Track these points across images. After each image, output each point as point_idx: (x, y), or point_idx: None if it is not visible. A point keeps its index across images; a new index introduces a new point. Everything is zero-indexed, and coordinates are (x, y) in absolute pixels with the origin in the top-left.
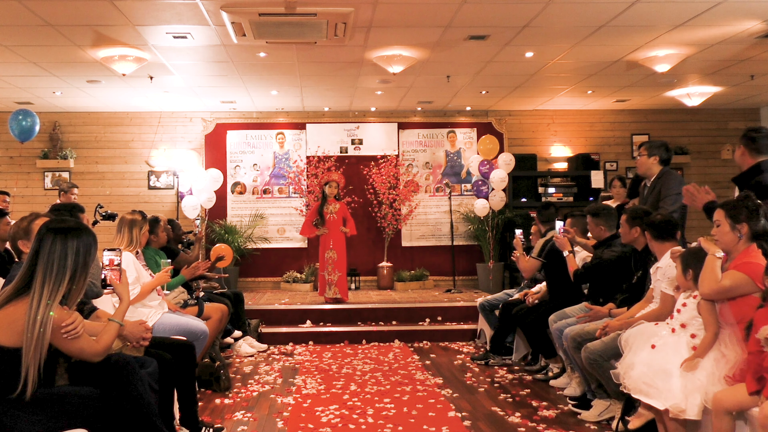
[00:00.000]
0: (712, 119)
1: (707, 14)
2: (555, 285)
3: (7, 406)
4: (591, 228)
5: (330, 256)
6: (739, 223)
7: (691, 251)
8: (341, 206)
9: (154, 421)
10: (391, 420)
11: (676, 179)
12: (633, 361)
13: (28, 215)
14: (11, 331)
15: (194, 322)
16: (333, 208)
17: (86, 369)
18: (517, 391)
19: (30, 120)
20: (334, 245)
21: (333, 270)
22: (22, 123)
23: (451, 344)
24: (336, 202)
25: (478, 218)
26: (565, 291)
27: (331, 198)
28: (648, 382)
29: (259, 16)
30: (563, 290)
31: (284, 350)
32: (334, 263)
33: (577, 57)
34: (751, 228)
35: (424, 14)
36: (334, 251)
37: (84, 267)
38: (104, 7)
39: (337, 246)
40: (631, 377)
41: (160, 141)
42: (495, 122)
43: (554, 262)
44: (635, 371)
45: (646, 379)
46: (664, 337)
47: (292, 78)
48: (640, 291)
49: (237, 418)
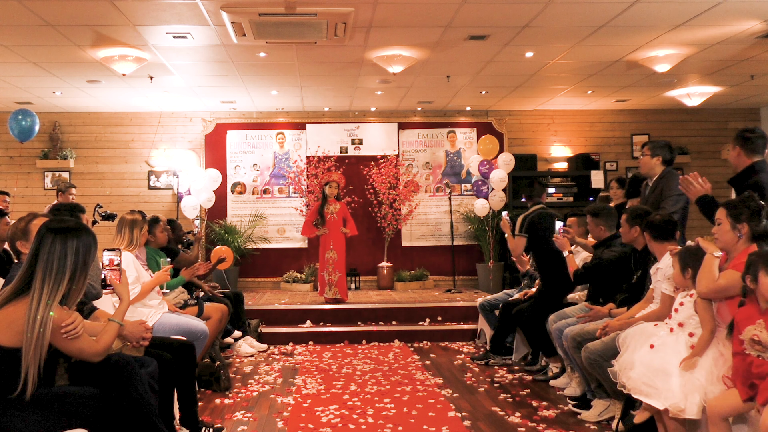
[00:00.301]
0: (712, 119)
1: (707, 14)
2: (540, 258)
3: (7, 406)
4: (591, 228)
5: (330, 256)
6: (739, 223)
7: (688, 250)
8: (341, 206)
9: (154, 421)
10: (391, 420)
11: (678, 180)
12: (632, 359)
13: (26, 215)
14: (11, 331)
15: (194, 322)
16: (333, 208)
17: (86, 369)
18: (517, 391)
19: (30, 120)
20: (335, 245)
21: (333, 270)
22: (22, 123)
23: (451, 344)
24: (336, 203)
25: (478, 218)
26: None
27: (332, 198)
28: (647, 382)
29: (259, 16)
30: (550, 263)
31: (284, 350)
32: (334, 263)
33: (577, 57)
34: (751, 228)
35: (424, 14)
36: (335, 251)
37: (84, 267)
38: (104, 7)
39: (337, 246)
40: (630, 377)
41: (160, 141)
42: (495, 122)
43: (535, 235)
44: (634, 371)
45: (645, 379)
46: (663, 337)
47: (292, 78)
48: (640, 291)
49: (237, 418)
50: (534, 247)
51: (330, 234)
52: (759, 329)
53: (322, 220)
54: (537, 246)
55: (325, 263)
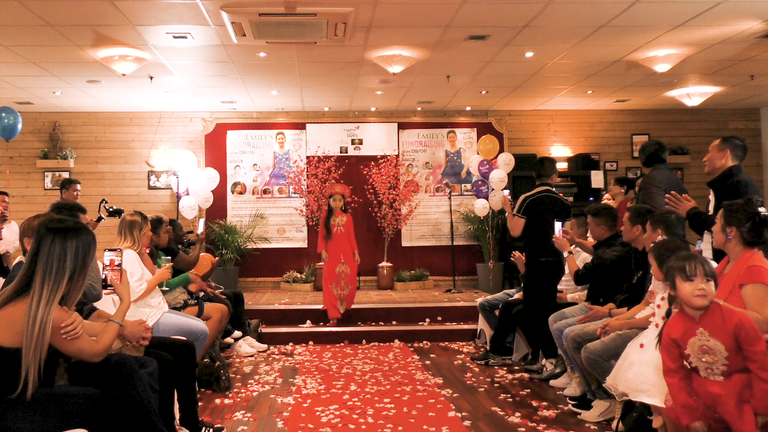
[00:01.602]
0: (712, 119)
1: (707, 14)
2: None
3: (8, 406)
4: (592, 228)
5: (342, 270)
6: (729, 226)
7: (663, 244)
8: (348, 219)
9: (154, 422)
10: (391, 420)
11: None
12: (626, 363)
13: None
14: (11, 331)
15: (194, 322)
16: (340, 220)
17: (86, 369)
18: (517, 391)
19: (12, 118)
20: (346, 259)
21: (345, 284)
22: (5, 121)
23: (451, 344)
24: (343, 215)
25: (478, 218)
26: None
27: (338, 210)
28: (644, 381)
29: (259, 16)
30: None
31: (284, 350)
32: (347, 277)
33: (577, 57)
34: (741, 233)
35: (424, 14)
36: (346, 265)
37: (83, 267)
38: (104, 7)
39: (348, 259)
40: (628, 378)
41: (160, 141)
42: (495, 122)
43: (534, 218)
44: (630, 372)
45: (641, 378)
46: (648, 335)
47: (292, 78)
48: (640, 291)
49: (237, 418)
50: (529, 230)
51: (339, 247)
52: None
53: (328, 234)
54: (532, 230)
55: (335, 278)
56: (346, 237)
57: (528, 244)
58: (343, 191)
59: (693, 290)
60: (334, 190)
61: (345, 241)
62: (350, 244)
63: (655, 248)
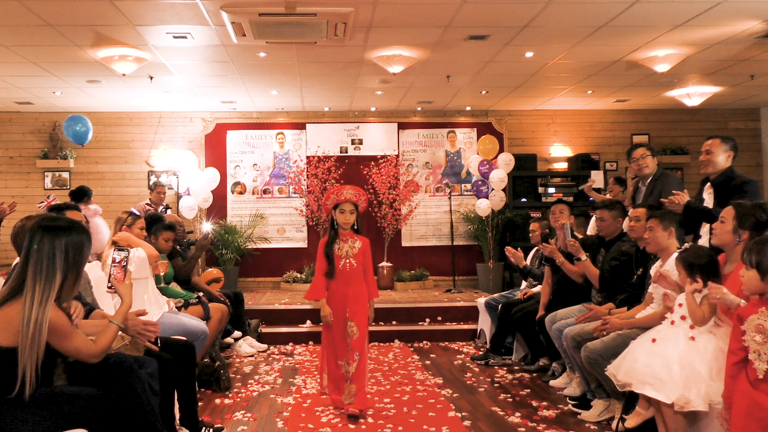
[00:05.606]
0: (712, 119)
1: (707, 14)
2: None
3: (6, 406)
4: (608, 223)
5: (350, 332)
6: (743, 229)
7: (691, 252)
8: (364, 244)
9: (153, 422)
10: (391, 420)
11: (675, 180)
12: (633, 356)
13: (30, 215)
14: (8, 331)
15: (194, 322)
16: (350, 247)
17: (85, 369)
18: (517, 391)
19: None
20: (351, 312)
21: (352, 353)
22: (77, 128)
23: (451, 344)
24: (355, 238)
25: (478, 218)
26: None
27: (347, 231)
28: (652, 374)
29: (259, 16)
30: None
31: (284, 350)
32: (353, 342)
33: (577, 57)
34: (751, 237)
35: (424, 14)
36: (354, 324)
37: (74, 265)
38: (104, 7)
39: (358, 312)
40: (634, 369)
41: (160, 141)
42: (495, 122)
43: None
44: (638, 364)
45: (649, 372)
46: (663, 331)
47: (292, 78)
48: (640, 291)
49: (237, 418)
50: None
51: (347, 292)
52: (764, 318)
53: (331, 269)
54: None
55: (342, 347)
56: (358, 275)
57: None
58: (357, 198)
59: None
60: (342, 195)
61: (356, 282)
62: (366, 285)
63: (682, 256)
